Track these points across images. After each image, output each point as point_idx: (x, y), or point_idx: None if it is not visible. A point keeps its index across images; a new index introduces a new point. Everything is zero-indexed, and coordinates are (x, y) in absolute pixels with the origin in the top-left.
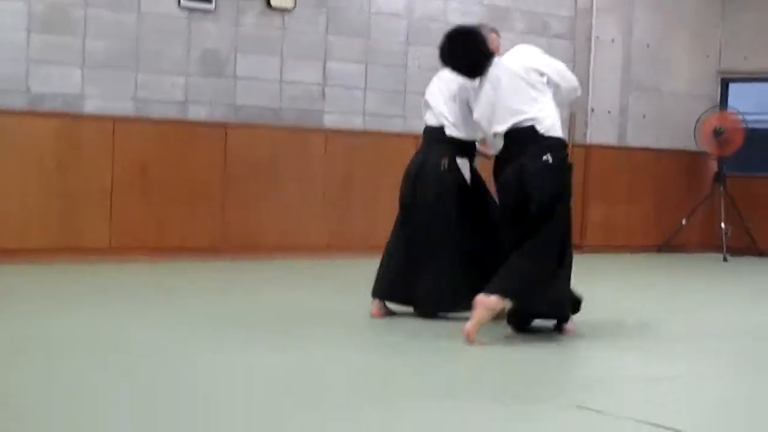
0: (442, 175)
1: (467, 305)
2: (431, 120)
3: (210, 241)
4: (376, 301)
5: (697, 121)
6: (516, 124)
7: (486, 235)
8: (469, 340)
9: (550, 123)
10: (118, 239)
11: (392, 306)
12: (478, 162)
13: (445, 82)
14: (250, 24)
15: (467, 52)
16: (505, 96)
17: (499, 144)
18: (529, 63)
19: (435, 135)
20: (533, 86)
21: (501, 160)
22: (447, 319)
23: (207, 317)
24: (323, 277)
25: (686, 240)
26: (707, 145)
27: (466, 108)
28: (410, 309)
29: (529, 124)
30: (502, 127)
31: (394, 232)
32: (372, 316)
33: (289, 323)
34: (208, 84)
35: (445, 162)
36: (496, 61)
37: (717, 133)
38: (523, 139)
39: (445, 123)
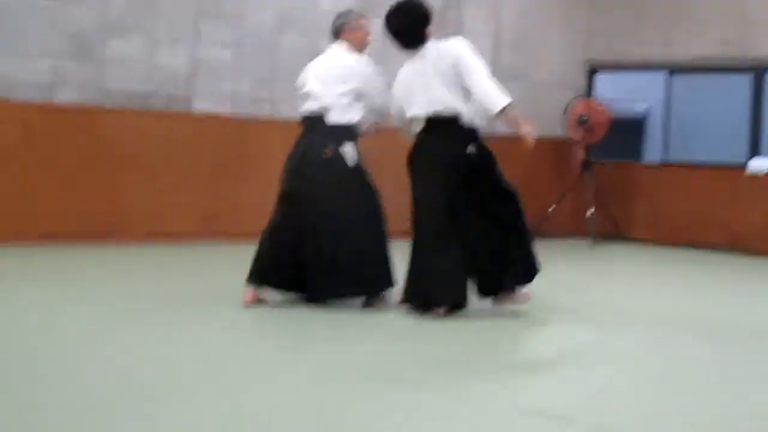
0: (326, 163)
1: (348, 292)
2: (311, 106)
3: (79, 227)
4: (250, 287)
5: (565, 109)
6: (438, 111)
7: (370, 221)
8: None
9: (471, 115)
10: None
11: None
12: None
13: (326, 68)
14: (120, 6)
15: (411, 21)
16: (431, 81)
17: (413, 127)
18: (458, 58)
19: (315, 123)
20: (457, 79)
21: (417, 145)
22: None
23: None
24: (195, 262)
25: (555, 226)
26: (574, 133)
27: (353, 92)
28: (282, 295)
29: (452, 113)
30: (421, 112)
31: (274, 221)
32: (245, 302)
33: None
34: (76, 68)
35: (328, 150)
36: (431, 44)
37: (581, 122)
38: (445, 127)
39: (328, 108)
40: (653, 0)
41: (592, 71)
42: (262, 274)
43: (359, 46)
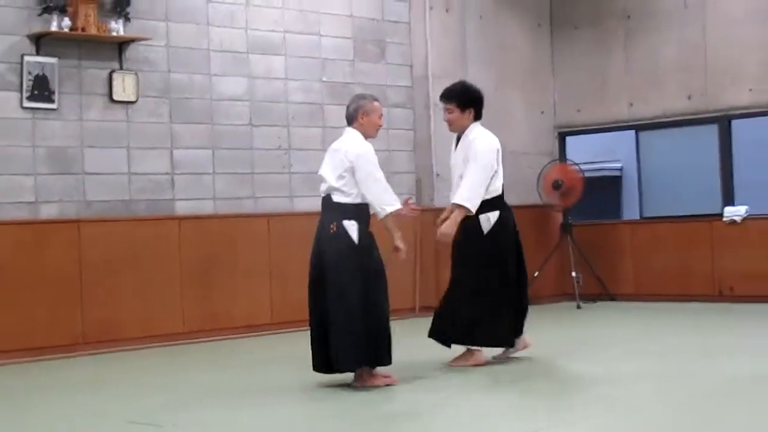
0: (332, 238)
1: (367, 361)
2: (322, 188)
3: (72, 337)
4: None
5: (539, 176)
6: None
7: (362, 299)
8: None
9: None
10: None
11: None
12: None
13: (330, 155)
14: (95, 119)
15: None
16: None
17: None
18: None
19: (325, 202)
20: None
21: None
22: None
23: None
24: (187, 361)
25: (541, 291)
26: (551, 198)
27: (348, 174)
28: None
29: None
30: None
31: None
32: None
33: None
34: (58, 181)
35: (333, 226)
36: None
37: (556, 186)
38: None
39: (333, 189)
40: (615, 60)
41: (563, 135)
42: (313, 360)
43: (371, 129)
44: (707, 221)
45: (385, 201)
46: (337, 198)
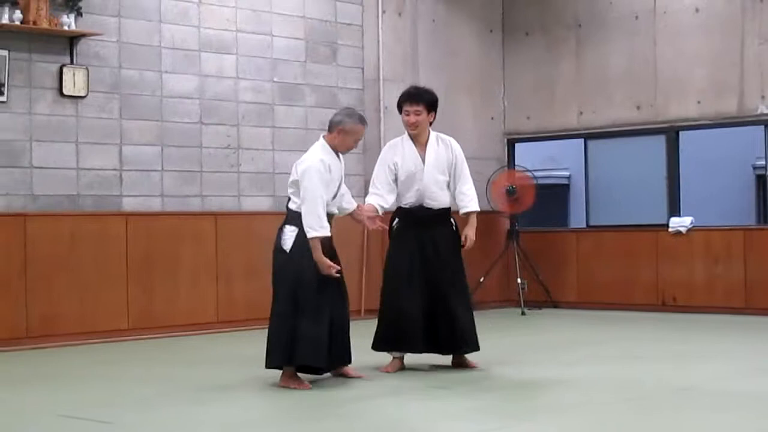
0: (276, 243)
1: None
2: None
3: (15, 331)
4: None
5: (488, 182)
6: None
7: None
8: None
9: None
10: None
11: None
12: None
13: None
14: (44, 113)
15: None
16: None
17: None
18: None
19: (286, 207)
20: None
21: None
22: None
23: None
24: (127, 358)
25: (486, 297)
26: (501, 204)
27: (296, 184)
28: None
29: None
30: None
31: None
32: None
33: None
34: (5, 174)
35: (279, 229)
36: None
37: (510, 192)
38: None
39: (289, 195)
40: (566, 68)
41: (512, 142)
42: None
43: (341, 147)
44: (653, 231)
45: (309, 224)
46: (290, 203)
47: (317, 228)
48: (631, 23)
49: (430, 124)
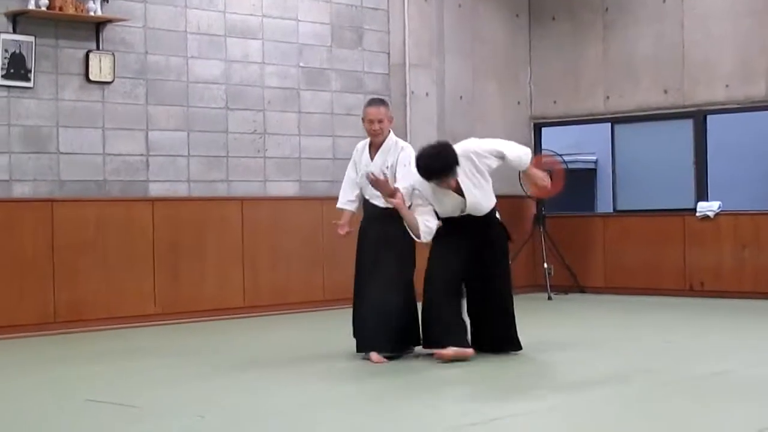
0: None
1: None
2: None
3: (42, 316)
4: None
5: None
6: None
7: None
8: None
9: None
10: None
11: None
12: None
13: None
14: (70, 99)
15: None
16: None
17: None
18: None
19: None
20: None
21: None
22: None
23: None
24: (154, 343)
25: (512, 282)
26: (535, 189)
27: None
28: None
29: None
30: None
31: None
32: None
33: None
34: (32, 160)
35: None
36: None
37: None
38: None
39: None
40: (592, 53)
41: (538, 127)
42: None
43: (367, 133)
44: (680, 216)
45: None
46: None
47: (339, 202)
48: (659, 7)
49: None
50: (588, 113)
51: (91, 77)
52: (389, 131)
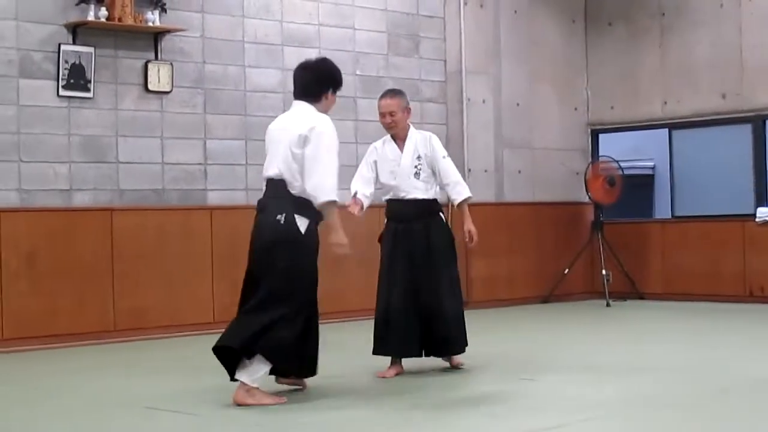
0: None
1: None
2: None
3: (102, 325)
4: None
5: (585, 173)
6: None
7: None
8: None
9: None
10: (10, 330)
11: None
12: None
13: None
14: (129, 108)
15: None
16: None
17: None
18: None
19: None
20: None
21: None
22: None
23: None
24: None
25: (570, 289)
26: (598, 195)
27: None
28: None
29: None
30: None
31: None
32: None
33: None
34: (92, 170)
35: None
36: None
37: (611, 183)
38: None
39: None
40: (649, 58)
41: (595, 133)
42: None
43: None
44: (739, 221)
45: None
46: None
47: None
48: (716, 11)
49: None
50: (645, 119)
51: (150, 87)
52: (408, 124)
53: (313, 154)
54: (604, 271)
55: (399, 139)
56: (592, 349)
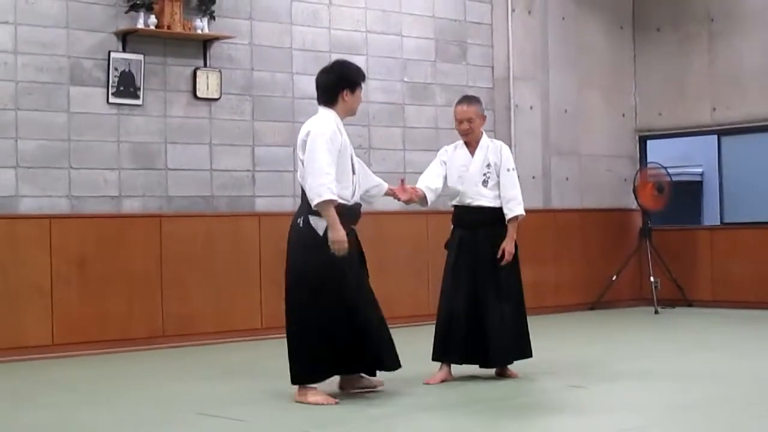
0: None
1: None
2: None
3: (151, 330)
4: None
5: (634, 180)
6: None
7: None
8: None
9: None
10: (61, 335)
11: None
12: None
13: None
14: (178, 115)
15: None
16: None
17: None
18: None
19: None
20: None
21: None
22: None
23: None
24: (262, 357)
25: (618, 295)
26: (647, 201)
27: None
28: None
29: None
30: None
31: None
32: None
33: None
34: (141, 176)
35: None
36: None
37: (660, 189)
38: None
39: None
40: (698, 63)
41: (643, 139)
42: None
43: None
44: None
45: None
46: None
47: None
48: (765, 17)
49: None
50: (694, 125)
51: (199, 94)
52: (482, 131)
53: (308, 158)
54: (652, 278)
55: (471, 145)
56: (641, 356)
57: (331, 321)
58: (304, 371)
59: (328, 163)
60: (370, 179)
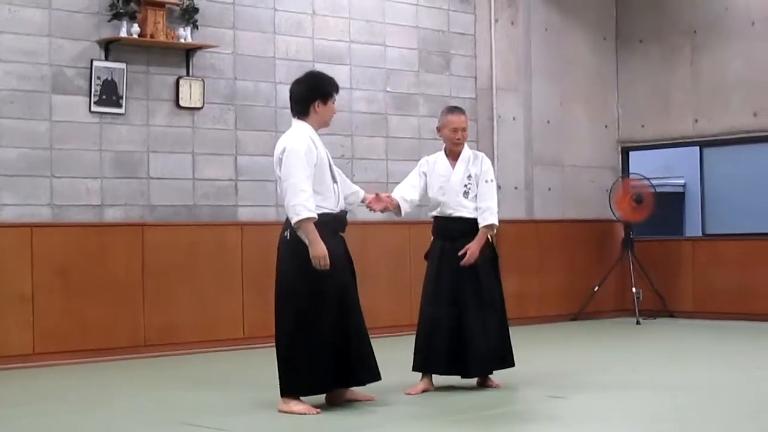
0: None
1: None
2: None
3: (133, 340)
4: None
5: (610, 190)
6: None
7: None
8: None
9: None
10: (42, 344)
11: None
12: None
13: None
14: (161, 124)
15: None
16: None
17: None
18: None
19: None
20: None
21: None
22: None
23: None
24: (244, 366)
25: (600, 306)
26: (626, 213)
27: None
28: None
29: None
30: None
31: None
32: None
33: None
34: (123, 185)
35: None
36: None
37: (638, 201)
38: None
39: None
40: (681, 76)
41: (626, 150)
42: None
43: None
44: None
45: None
46: None
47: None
48: (748, 29)
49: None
50: (676, 137)
51: (182, 103)
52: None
53: (284, 176)
54: (634, 289)
55: (453, 156)
56: (622, 367)
57: (322, 332)
58: (297, 382)
59: (304, 179)
60: (347, 187)
